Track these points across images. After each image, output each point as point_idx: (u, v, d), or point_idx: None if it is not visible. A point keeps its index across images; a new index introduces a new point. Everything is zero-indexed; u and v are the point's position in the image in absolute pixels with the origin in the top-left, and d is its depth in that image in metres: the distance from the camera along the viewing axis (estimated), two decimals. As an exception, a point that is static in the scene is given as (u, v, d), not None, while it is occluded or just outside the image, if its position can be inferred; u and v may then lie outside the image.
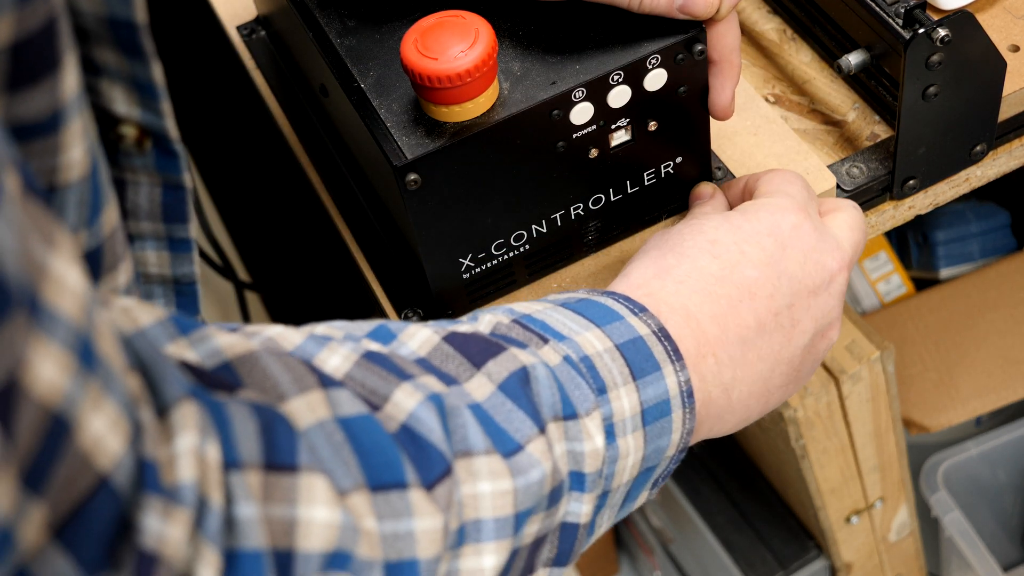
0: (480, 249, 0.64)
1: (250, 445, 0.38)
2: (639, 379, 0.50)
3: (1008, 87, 0.69)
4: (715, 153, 0.71)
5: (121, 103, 0.44)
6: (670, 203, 0.69)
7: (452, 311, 0.67)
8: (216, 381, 0.39)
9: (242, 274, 1.38)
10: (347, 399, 0.42)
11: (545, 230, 0.65)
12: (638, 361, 0.51)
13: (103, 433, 0.32)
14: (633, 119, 0.62)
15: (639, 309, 0.53)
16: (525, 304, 0.53)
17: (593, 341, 0.50)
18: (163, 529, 0.34)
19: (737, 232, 0.57)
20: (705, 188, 0.67)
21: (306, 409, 0.41)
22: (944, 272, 1.28)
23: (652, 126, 0.63)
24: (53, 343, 0.30)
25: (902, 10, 0.64)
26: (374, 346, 0.46)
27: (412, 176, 0.58)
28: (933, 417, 1.19)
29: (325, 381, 0.42)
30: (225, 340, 0.41)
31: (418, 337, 0.48)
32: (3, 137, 0.30)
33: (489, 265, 0.65)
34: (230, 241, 1.38)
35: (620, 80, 0.60)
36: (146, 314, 0.39)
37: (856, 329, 0.95)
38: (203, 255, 1.20)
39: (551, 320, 0.51)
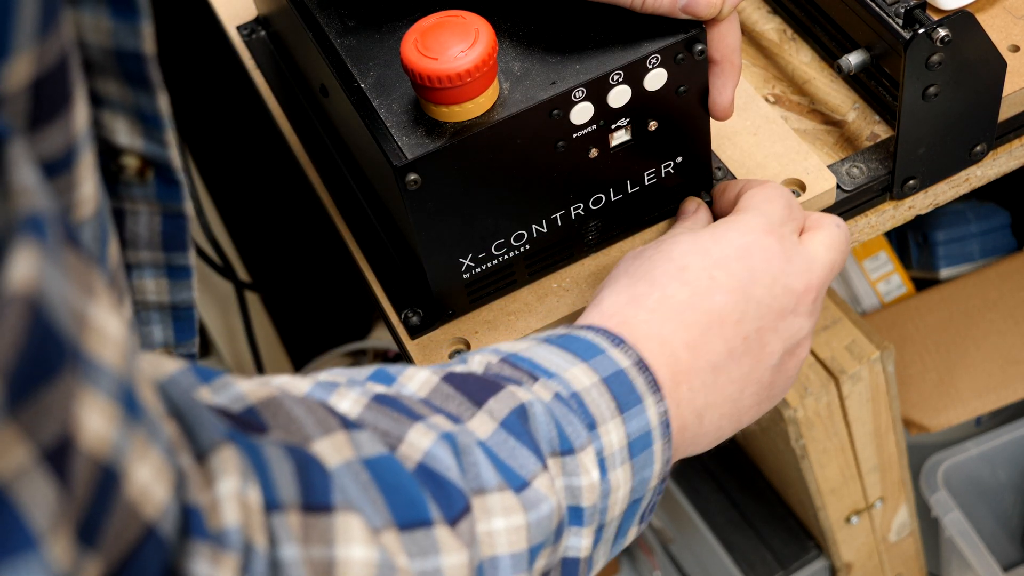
0: (480, 249, 0.64)
1: (288, 486, 0.38)
2: (624, 412, 0.51)
3: (1008, 87, 0.69)
4: (715, 153, 0.71)
5: (123, 134, 0.43)
6: (670, 203, 0.69)
7: (452, 311, 0.67)
8: (244, 425, 0.40)
9: (242, 274, 1.38)
10: (368, 440, 0.42)
11: (545, 230, 0.65)
12: (622, 394, 0.51)
13: (149, 482, 0.31)
14: (633, 119, 0.62)
15: (618, 341, 0.53)
16: (509, 344, 0.53)
17: (580, 376, 0.51)
18: (213, 575, 0.34)
19: (706, 257, 0.57)
20: (689, 204, 0.67)
21: (332, 450, 0.41)
22: (944, 272, 1.28)
23: (652, 126, 0.63)
24: (99, 394, 0.30)
25: (902, 10, 0.64)
26: (379, 388, 0.47)
27: (412, 176, 0.58)
28: (933, 417, 1.19)
29: (346, 423, 0.43)
30: (246, 386, 0.41)
31: (417, 379, 0.49)
32: (44, 186, 0.30)
33: (489, 265, 0.65)
34: (230, 241, 1.37)
35: (620, 80, 0.60)
36: (169, 363, 0.39)
37: (856, 329, 0.95)
38: (203, 255, 1.20)
39: (538, 357, 0.52)
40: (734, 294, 0.56)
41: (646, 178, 0.66)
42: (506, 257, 0.65)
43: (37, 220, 0.28)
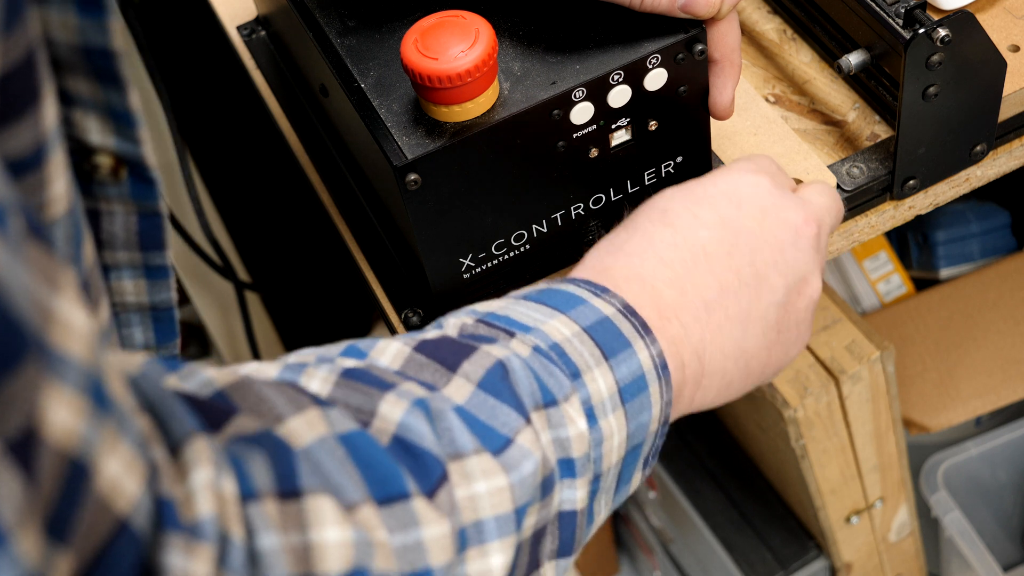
0: (480, 249, 0.64)
1: (262, 474, 0.38)
2: (611, 358, 0.50)
3: (1008, 87, 0.69)
4: (715, 153, 0.71)
5: (95, 132, 0.43)
6: (670, 203, 0.69)
7: (452, 311, 0.67)
8: (213, 408, 0.39)
9: (242, 274, 1.38)
10: (340, 417, 0.42)
11: (545, 230, 0.65)
12: (607, 341, 0.50)
13: (120, 475, 0.31)
14: (633, 119, 0.62)
15: (600, 290, 0.52)
16: (486, 303, 0.53)
17: (560, 328, 0.50)
18: (187, 566, 0.33)
19: (689, 196, 0.57)
20: None
21: (306, 427, 0.41)
22: (944, 272, 1.28)
23: (652, 126, 0.63)
24: (66, 387, 0.29)
25: (902, 10, 0.64)
26: (350, 363, 0.46)
27: (412, 176, 0.58)
28: (933, 417, 1.19)
29: (318, 400, 0.42)
30: (212, 372, 0.41)
31: (389, 351, 0.48)
32: (4, 177, 0.29)
33: (489, 265, 0.65)
34: (230, 241, 1.37)
35: (620, 80, 0.60)
36: (136, 358, 0.39)
37: (856, 329, 0.95)
38: (203, 255, 1.20)
39: (514, 314, 0.51)
40: (720, 229, 0.55)
41: (646, 178, 0.66)
42: (506, 257, 0.65)
43: None
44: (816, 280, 0.58)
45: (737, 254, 0.55)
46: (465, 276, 0.65)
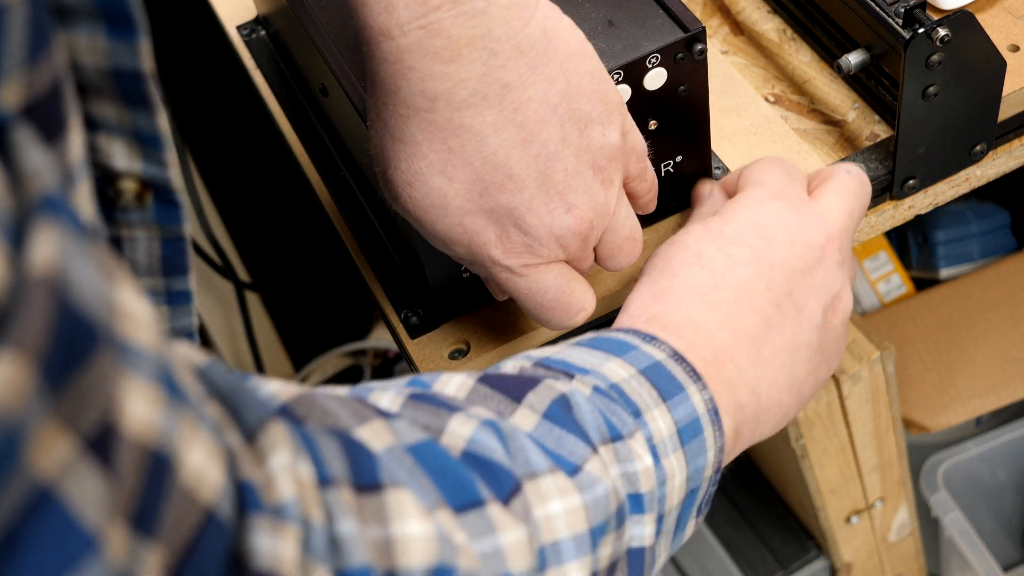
0: (480, 249, 0.64)
1: (337, 464, 0.37)
2: (668, 400, 0.50)
3: (1008, 87, 0.69)
4: (715, 153, 0.71)
5: (121, 157, 0.42)
6: (670, 202, 0.69)
7: (452, 311, 0.67)
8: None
9: (242, 274, 1.39)
10: (407, 428, 0.42)
11: (545, 230, 0.65)
12: (662, 383, 0.51)
13: (203, 464, 0.31)
14: (633, 118, 0.62)
15: (649, 338, 0.53)
16: (540, 350, 0.53)
17: (617, 369, 0.50)
18: (276, 547, 0.33)
19: (719, 238, 0.58)
20: (703, 188, 0.67)
21: (372, 437, 0.40)
22: (944, 272, 1.29)
23: (652, 125, 0.63)
24: (140, 377, 0.29)
25: (902, 10, 0.64)
26: (416, 390, 0.46)
27: (412, 176, 0.58)
28: (933, 417, 1.19)
29: (383, 412, 0.42)
30: (275, 385, 0.41)
31: (453, 383, 0.48)
32: (59, 178, 0.29)
33: (489, 265, 0.65)
34: (230, 241, 1.38)
35: (620, 79, 0.60)
36: (198, 352, 0.38)
37: (856, 329, 0.95)
38: (203, 255, 1.20)
39: (570, 358, 0.51)
40: (755, 265, 0.56)
41: (646, 178, 0.66)
42: (506, 257, 0.65)
43: (52, 200, 0.27)
44: (847, 294, 0.60)
45: (775, 287, 0.56)
46: (465, 275, 0.65)
